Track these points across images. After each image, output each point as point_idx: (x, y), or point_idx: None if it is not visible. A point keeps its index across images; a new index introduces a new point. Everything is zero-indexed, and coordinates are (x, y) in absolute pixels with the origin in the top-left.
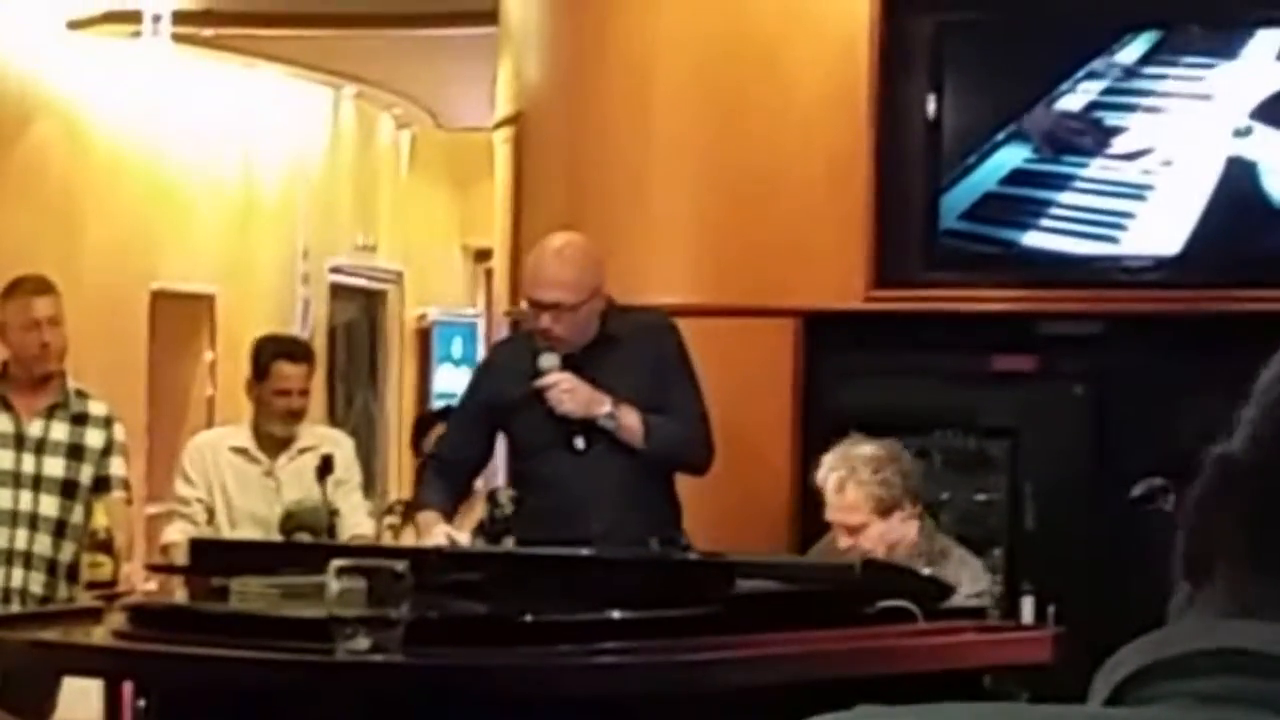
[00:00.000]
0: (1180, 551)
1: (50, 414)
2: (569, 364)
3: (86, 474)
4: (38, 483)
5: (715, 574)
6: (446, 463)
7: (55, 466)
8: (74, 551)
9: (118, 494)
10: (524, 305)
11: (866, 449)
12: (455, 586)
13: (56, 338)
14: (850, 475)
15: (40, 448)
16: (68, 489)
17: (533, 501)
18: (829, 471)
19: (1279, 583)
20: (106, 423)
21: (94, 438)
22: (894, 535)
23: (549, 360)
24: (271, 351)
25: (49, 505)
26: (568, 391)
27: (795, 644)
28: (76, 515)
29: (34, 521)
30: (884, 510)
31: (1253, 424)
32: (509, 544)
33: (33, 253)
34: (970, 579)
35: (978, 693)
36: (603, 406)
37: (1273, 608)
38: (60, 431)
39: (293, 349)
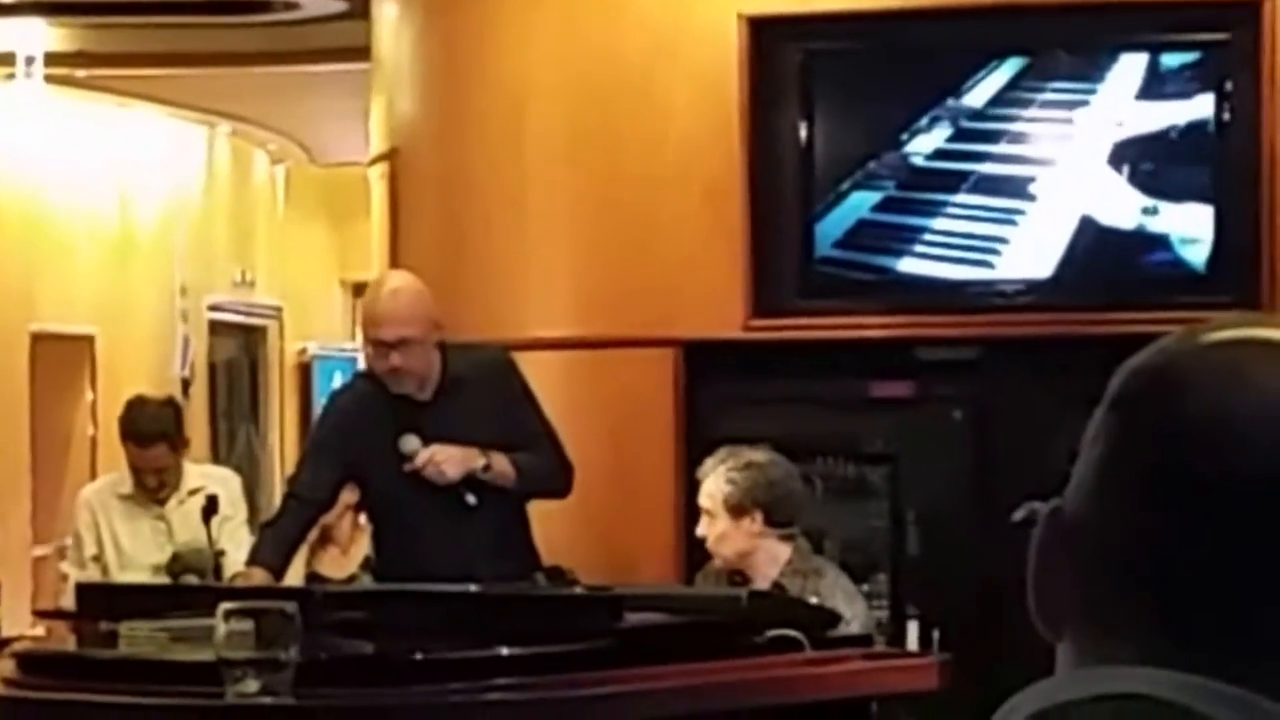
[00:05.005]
0: (1033, 605)
1: None
2: (422, 416)
3: None
4: None
5: (603, 607)
6: (304, 501)
7: None
8: None
9: None
10: (367, 351)
11: (753, 453)
12: (344, 626)
13: None
14: (719, 464)
15: None
16: None
17: (410, 559)
18: (713, 456)
19: (1115, 634)
20: None
21: None
22: (738, 544)
23: (411, 443)
24: (123, 429)
25: None
26: (445, 462)
27: (684, 676)
28: None
29: None
30: (731, 509)
31: (1079, 476)
32: None
33: None
34: (845, 601)
35: None
36: (478, 461)
37: (1174, 654)
38: None
39: (141, 432)
